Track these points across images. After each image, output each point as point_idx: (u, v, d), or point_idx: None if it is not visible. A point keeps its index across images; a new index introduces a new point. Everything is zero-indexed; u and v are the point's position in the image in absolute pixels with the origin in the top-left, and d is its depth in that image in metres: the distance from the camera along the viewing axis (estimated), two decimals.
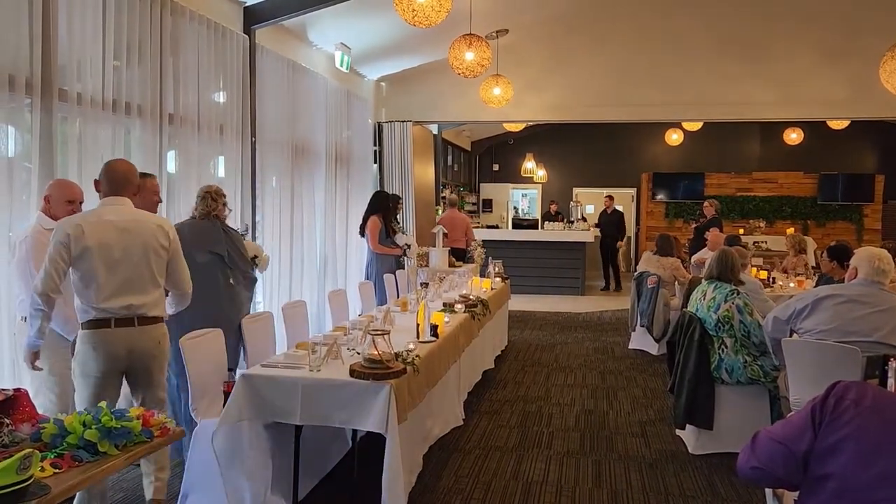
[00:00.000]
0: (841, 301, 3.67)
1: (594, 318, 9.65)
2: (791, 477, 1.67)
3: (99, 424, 2.17)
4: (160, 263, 3.27)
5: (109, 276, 3.10)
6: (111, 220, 3.16)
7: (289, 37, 6.92)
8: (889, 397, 1.60)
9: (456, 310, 5.04)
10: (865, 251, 3.84)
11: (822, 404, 1.61)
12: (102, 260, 3.09)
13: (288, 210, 6.69)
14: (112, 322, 3.10)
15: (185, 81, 4.99)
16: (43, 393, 3.48)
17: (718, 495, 3.75)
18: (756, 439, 1.75)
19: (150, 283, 3.22)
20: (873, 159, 15.26)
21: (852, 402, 1.57)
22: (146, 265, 3.21)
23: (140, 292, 3.17)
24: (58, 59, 3.86)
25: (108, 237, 3.11)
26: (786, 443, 1.66)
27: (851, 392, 1.59)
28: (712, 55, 9.13)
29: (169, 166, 4.91)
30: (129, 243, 3.16)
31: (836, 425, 1.56)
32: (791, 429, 1.67)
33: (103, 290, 3.09)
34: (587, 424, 4.95)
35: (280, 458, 3.45)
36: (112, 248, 3.11)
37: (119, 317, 3.11)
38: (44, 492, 1.84)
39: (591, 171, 16.34)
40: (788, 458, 1.65)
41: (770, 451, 1.69)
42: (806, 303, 3.80)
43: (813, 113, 9.51)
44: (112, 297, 3.10)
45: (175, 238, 3.37)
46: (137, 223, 3.22)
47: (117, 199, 3.23)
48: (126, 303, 3.12)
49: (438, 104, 9.90)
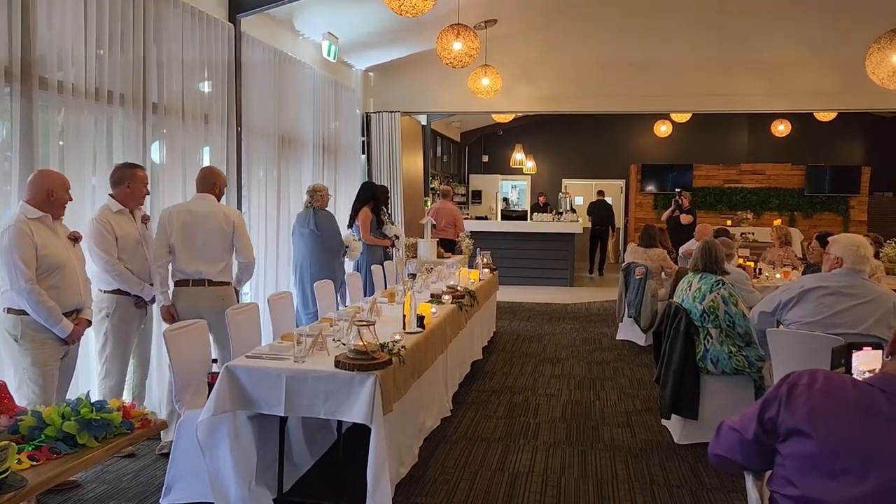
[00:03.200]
0: (826, 293, 3.68)
1: (582, 308, 9.68)
2: (750, 463, 1.79)
3: (78, 416, 2.15)
4: (226, 241, 4.34)
5: (186, 249, 4.22)
6: (192, 209, 4.33)
7: (275, 25, 6.85)
8: (837, 378, 1.66)
9: (443, 301, 5.03)
10: (845, 238, 3.82)
11: (776, 392, 1.69)
12: (182, 237, 4.22)
13: (274, 200, 6.65)
14: (189, 282, 4.25)
15: (169, 70, 4.93)
16: (26, 384, 3.45)
17: (703, 484, 3.77)
18: (720, 428, 1.87)
19: (216, 256, 4.31)
20: (860, 151, 15.36)
21: (805, 385, 1.64)
22: (214, 242, 4.29)
23: (208, 263, 4.27)
24: (38, 48, 3.80)
25: (187, 221, 4.25)
26: (741, 430, 1.76)
27: (804, 377, 1.67)
28: (702, 46, 9.12)
29: (153, 156, 4.86)
30: (202, 227, 4.26)
31: (791, 409, 1.63)
32: (745, 418, 1.77)
33: (181, 259, 4.23)
34: (573, 415, 4.96)
35: (265, 449, 3.44)
36: (189, 228, 4.23)
37: (194, 279, 4.23)
38: (20, 484, 1.82)
39: (581, 163, 16.37)
40: (744, 444, 1.75)
41: (729, 438, 1.81)
42: (792, 294, 3.81)
43: (801, 105, 9.56)
44: (187, 264, 4.23)
45: (238, 223, 4.42)
46: (210, 213, 4.33)
47: (201, 195, 4.41)
48: (197, 269, 4.24)
49: (427, 95, 9.86)
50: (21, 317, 3.40)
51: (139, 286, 4.06)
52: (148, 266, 4.16)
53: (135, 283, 4.04)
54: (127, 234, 4.04)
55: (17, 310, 3.40)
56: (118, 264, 3.97)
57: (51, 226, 3.51)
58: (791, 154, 14.97)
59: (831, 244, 3.86)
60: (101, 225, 3.92)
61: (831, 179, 14.81)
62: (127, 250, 4.03)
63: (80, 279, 3.63)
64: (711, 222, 10.75)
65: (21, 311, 3.39)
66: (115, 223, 3.99)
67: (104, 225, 3.93)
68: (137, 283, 4.05)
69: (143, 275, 4.11)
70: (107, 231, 3.93)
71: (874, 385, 1.58)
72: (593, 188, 16.02)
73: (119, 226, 4.00)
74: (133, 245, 4.08)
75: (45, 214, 3.47)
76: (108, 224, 3.94)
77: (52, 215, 3.51)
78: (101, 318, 4.00)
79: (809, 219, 14.92)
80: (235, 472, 3.24)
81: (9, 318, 3.41)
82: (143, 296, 4.10)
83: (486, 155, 17.05)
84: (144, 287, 4.09)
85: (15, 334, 3.42)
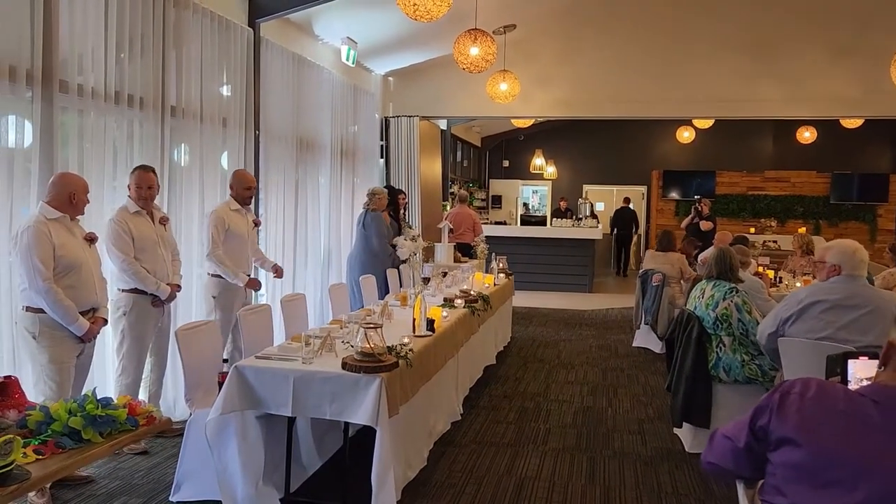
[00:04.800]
0: (826, 308, 3.57)
1: (600, 315, 9.63)
2: (741, 470, 1.78)
3: (84, 412, 2.19)
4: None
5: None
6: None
7: (294, 30, 6.93)
8: (830, 388, 1.65)
9: (456, 305, 5.04)
10: (839, 245, 3.68)
11: (768, 400, 1.68)
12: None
13: (292, 204, 6.71)
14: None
15: (188, 74, 5.01)
16: (43, 381, 3.52)
17: (712, 494, 3.73)
18: (713, 436, 1.87)
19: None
20: (887, 159, 15.08)
21: (798, 394, 1.63)
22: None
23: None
24: (59, 51, 3.89)
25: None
26: (733, 438, 1.76)
27: (797, 386, 1.66)
28: (723, 51, 9.05)
29: (172, 159, 4.94)
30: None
31: (783, 417, 1.62)
32: (738, 426, 1.76)
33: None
34: (584, 421, 4.94)
35: (273, 449, 3.48)
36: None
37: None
38: (24, 477, 1.87)
39: (601, 169, 16.28)
40: (735, 452, 1.75)
41: (722, 446, 1.81)
42: (791, 311, 3.70)
43: (824, 111, 9.41)
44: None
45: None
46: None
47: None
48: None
49: (446, 99, 9.89)
50: (39, 315, 3.48)
51: (155, 285, 4.13)
52: (165, 266, 4.24)
53: (151, 283, 4.12)
54: (143, 234, 4.13)
55: (35, 308, 3.48)
56: (135, 263, 4.05)
57: (68, 226, 3.59)
58: (817, 161, 14.74)
59: (825, 252, 3.71)
60: (117, 225, 4.03)
61: (858, 187, 14.57)
62: (144, 250, 4.12)
63: (95, 279, 3.71)
64: (734, 230, 10.64)
65: (39, 309, 3.47)
66: (132, 224, 4.08)
67: (121, 225, 4.03)
68: (154, 283, 4.13)
69: (159, 274, 4.18)
70: (123, 231, 4.03)
71: (866, 395, 1.57)
72: (615, 194, 15.98)
73: (136, 226, 4.09)
74: (150, 245, 4.16)
75: (64, 215, 3.56)
76: (124, 224, 4.04)
77: (69, 216, 3.60)
78: (119, 317, 4.08)
79: (835, 227, 14.67)
80: (243, 471, 3.28)
81: (27, 316, 3.49)
82: (160, 295, 4.17)
83: (506, 160, 17.03)
84: (160, 286, 4.16)
85: (33, 332, 3.50)
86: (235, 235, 4.86)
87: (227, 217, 4.84)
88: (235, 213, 4.92)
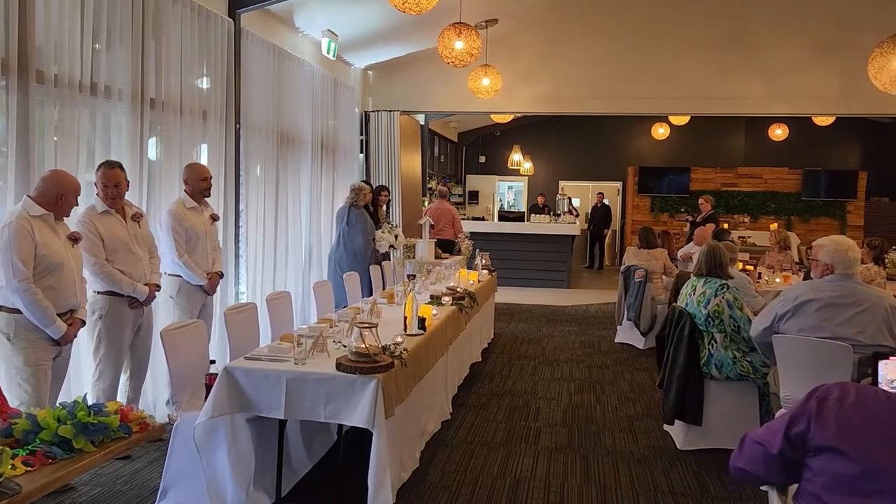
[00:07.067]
0: (820, 306, 3.57)
1: (580, 311, 9.63)
2: (772, 476, 1.74)
3: (74, 420, 2.07)
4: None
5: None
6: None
7: (275, 22, 6.78)
8: (870, 393, 1.61)
9: (443, 302, 4.97)
10: (832, 242, 3.66)
11: (804, 407, 1.64)
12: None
13: (272, 199, 6.56)
14: None
15: (167, 65, 4.85)
16: (18, 384, 3.36)
17: (708, 492, 3.72)
18: (743, 440, 1.81)
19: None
20: (857, 156, 15.38)
21: (836, 400, 1.60)
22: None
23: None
24: (35, 40, 3.72)
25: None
26: (765, 444, 1.71)
27: (834, 392, 1.62)
28: (704, 49, 9.10)
29: (150, 152, 4.78)
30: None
31: (822, 425, 1.58)
32: (771, 431, 1.72)
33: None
34: (574, 419, 4.90)
35: (263, 452, 3.37)
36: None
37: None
38: (14, 491, 1.75)
39: (578, 165, 16.33)
40: (767, 458, 1.70)
41: (752, 452, 1.75)
42: (787, 307, 3.71)
43: (801, 108, 9.51)
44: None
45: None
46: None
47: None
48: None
49: (427, 94, 9.80)
50: (14, 315, 3.32)
51: (130, 286, 3.94)
52: (141, 265, 4.05)
53: (126, 284, 3.92)
54: (114, 234, 3.90)
55: (10, 308, 3.32)
56: (107, 265, 3.86)
57: (52, 225, 3.43)
58: (788, 158, 14.96)
59: (818, 250, 3.71)
60: (84, 227, 3.79)
61: (828, 184, 14.81)
62: (116, 251, 3.90)
63: (76, 280, 3.55)
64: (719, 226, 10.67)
65: (15, 309, 3.31)
66: (101, 224, 3.86)
67: (87, 227, 3.80)
68: (129, 284, 3.93)
69: (136, 275, 3.98)
70: (90, 233, 3.80)
71: None
72: (590, 190, 16.06)
73: (105, 227, 3.87)
74: (122, 246, 3.94)
75: (48, 213, 3.40)
76: (91, 225, 3.81)
77: (54, 215, 3.44)
78: (95, 320, 3.90)
79: (806, 223, 14.91)
80: (233, 476, 3.17)
81: (2, 315, 3.33)
82: (137, 296, 3.99)
83: (483, 155, 16.99)
84: (137, 287, 3.97)
85: (8, 333, 3.34)
86: (193, 235, 4.49)
87: (184, 216, 4.47)
88: (191, 212, 4.53)
